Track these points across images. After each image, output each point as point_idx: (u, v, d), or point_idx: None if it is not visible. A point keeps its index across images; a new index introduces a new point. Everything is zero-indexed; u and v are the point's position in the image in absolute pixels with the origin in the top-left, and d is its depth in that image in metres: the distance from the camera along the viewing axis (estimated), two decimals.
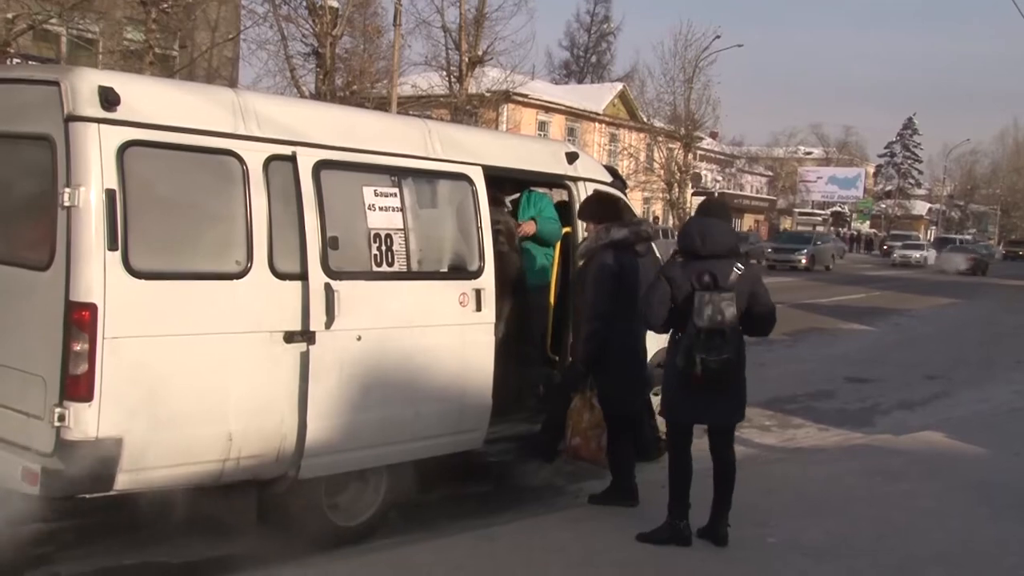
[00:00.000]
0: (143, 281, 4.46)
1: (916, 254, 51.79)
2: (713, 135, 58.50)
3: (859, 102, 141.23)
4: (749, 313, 5.34)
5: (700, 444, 5.68)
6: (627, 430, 6.25)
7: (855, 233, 73.91)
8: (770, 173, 76.06)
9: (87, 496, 4.55)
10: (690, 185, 46.94)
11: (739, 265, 5.29)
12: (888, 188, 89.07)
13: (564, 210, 7.12)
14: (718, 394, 5.36)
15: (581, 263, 6.22)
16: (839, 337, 17.27)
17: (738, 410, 5.53)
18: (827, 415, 10.24)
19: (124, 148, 4.44)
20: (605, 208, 6.26)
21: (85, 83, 4.41)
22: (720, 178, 61.88)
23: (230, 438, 4.78)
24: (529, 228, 6.99)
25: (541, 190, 7.43)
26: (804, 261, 39.96)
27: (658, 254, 7.78)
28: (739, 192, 66.07)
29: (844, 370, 13.24)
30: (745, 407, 5.59)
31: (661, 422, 7.52)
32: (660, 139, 43.95)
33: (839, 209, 78.20)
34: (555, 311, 6.90)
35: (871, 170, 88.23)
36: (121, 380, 4.40)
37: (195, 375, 4.67)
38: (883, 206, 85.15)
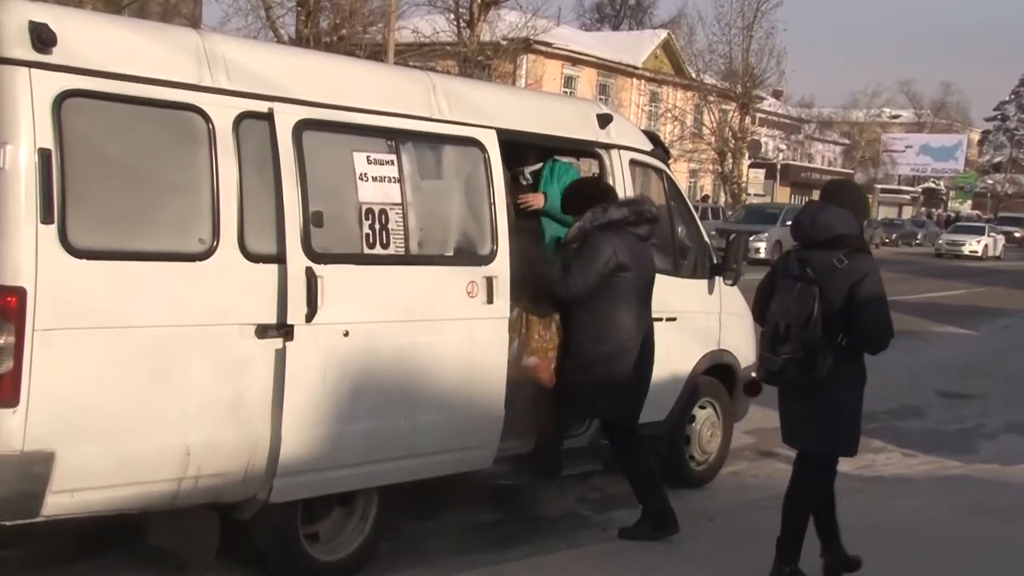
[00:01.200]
0: (84, 261, 4.46)
1: (972, 242, 46.45)
2: (776, 94, 58.36)
3: (962, 53, 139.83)
4: (848, 320, 5.30)
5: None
6: (632, 445, 6.35)
7: (952, 215, 73.31)
8: (847, 141, 75.82)
9: (7, 523, 4.53)
10: (747, 155, 46.94)
11: (840, 257, 5.27)
12: (997, 160, 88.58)
13: None
14: (804, 411, 5.39)
15: (573, 247, 6.30)
16: (930, 342, 17.22)
17: (828, 439, 5.45)
18: (914, 437, 10.21)
19: (61, 99, 4.43)
20: (587, 195, 6.44)
21: (12, 17, 4.39)
22: (784, 147, 61.80)
23: (188, 452, 4.79)
24: (537, 200, 6.90)
25: (567, 159, 7.41)
26: (763, 250, 31.20)
27: (706, 236, 7.78)
28: (807, 164, 65.94)
29: (936, 382, 13.20)
30: (846, 441, 5.50)
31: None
32: (712, 99, 43.94)
33: (932, 185, 77.90)
34: None
35: (975, 137, 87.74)
36: (54, 381, 4.40)
37: (146, 376, 4.66)
38: (990, 182, 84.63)
